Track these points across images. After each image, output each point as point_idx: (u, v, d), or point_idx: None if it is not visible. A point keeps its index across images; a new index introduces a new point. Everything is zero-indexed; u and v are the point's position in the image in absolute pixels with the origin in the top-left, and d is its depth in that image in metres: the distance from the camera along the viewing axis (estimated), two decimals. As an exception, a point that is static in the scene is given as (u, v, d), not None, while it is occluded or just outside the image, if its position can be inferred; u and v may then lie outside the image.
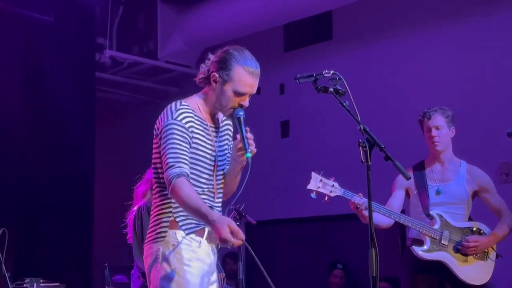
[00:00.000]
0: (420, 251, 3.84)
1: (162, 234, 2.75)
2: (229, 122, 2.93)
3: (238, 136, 2.75)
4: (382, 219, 3.78)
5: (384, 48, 6.69)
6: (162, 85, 8.47)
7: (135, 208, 4.47)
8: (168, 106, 2.78)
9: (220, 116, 2.90)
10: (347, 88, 2.62)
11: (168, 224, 2.75)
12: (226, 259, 6.79)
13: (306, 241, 7.09)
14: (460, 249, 3.88)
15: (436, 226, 3.87)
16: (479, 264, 3.93)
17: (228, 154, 2.90)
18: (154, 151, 2.81)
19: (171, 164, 2.63)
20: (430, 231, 3.83)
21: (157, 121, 2.81)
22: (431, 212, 3.89)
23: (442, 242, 3.84)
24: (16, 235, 6.23)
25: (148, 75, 8.26)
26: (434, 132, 3.96)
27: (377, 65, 6.71)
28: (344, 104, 2.59)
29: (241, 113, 2.77)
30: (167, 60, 7.72)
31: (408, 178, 2.59)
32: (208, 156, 2.78)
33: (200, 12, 7.37)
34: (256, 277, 7.82)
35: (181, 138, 2.67)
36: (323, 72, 2.65)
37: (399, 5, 6.63)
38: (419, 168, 4.04)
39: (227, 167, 2.90)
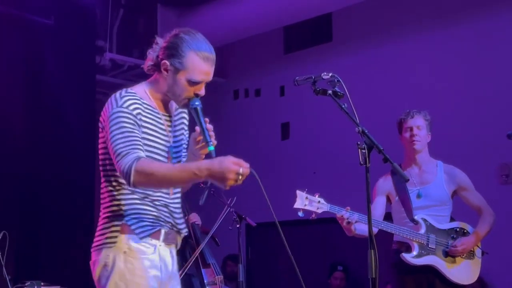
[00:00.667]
0: (410, 258, 3.86)
1: (113, 240, 2.49)
2: (184, 110, 2.67)
3: (197, 128, 2.52)
4: (366, 228, 3.78)
5: (383, 50, 6.70)
6: (162, 87, 8.47)
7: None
8: (112, 96, 2.51)
9: (174, 104, 2.62)
10: (346, 90, 2.63)
11: (119, 228, 2.48)
12: (227, 261, 6.79)
13: (307, 243, 7.09)
14: (448, 252, 3.92)
15: (422, 231, 3.89)
16: (467, 263, 3.98)
17: (185, 145, 2.64)
18: (100, 146, 2.53)
19: (125, 152, 2.34)
20: (416, 237, 3.85)
21: (101, 113, 2.52)
22: (415, 217, 3.91)
23: (429, 246, 3.88)
24: (17, 238, 6.23)
25: (148, 78, 8.25)
26: (415, 131, 3.99)
27: (377, 67, 6.72)
28: (343, 106, 2.59)
29: (197, 103, 2.52)
30: (167, 63, 7.72)
31: (407, 180, 2.60)
32: (161, 147, 2.51)
33: (200, 15, 7.38)
34: (255, 279, 7.82)
35: (131, 126, 2.40)
36: (322, 74, 2.65)
37: (398, 7, 6.64)
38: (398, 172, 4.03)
39: (184, 159, 2.62)
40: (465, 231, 4.01)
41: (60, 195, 6.62)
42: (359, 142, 2.48)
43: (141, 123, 2.44)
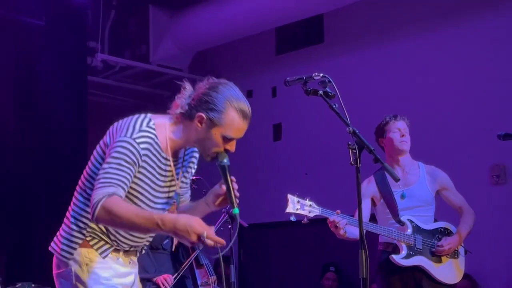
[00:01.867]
0: (399, 259, 3.88)
1: (71, 251, 2.48)
2: (195, 154, 2.61)
3: (223, 187, 2.47)
4: (355, 231, 3.79)
5: (375, 51, 6.71)
6: (154, 89, 8.46)
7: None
8: (134, 118, 2.43)
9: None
10: (337, 90, 2.63)
11: (80, 242, 2.47)
12: (219, 263, 6.78)
13: (299, 244, 7.10)
14: (435, 252, 3.95)
15: (409, 232, 3.92)
16: (452, 262, 4.02)
17: (188, 189, 2.63)
18: (95, 154, 2.49)
19: (106, 183, 2.28)
20: (404, 238, 3.87)
21: (114, 126, 2.47)
22: (401, 218, 3.93)
23: (417, 247, 3.90)
24: (8, 240, 6.21)
25: (140, 79, 8.26)
26: (403, 131, 4.01)
27: (368, 68, 6.74)
28: (334, 106, 2.59)
29: (226, 160, 2.44)
30: (159, 64, 7.72)
31: (397, 180, 2.60)
32: (155, 193, 2.44)
33: (192, 16, 7.37)
34: (247, 280, 7.82)
35: (129, 163, 2.31)
36: (313, 75, 2.65)
37: (389, 9, 6.66)
38: (381, 175, 4.06)
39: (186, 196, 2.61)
40: (449, 231, 4.05)
41: (51, 196, 6.60)
42: (349, 142, 2.48)
43: (143, 164, 2.37)
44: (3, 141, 6.39)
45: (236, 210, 2.35)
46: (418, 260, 3.91)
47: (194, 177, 4.69)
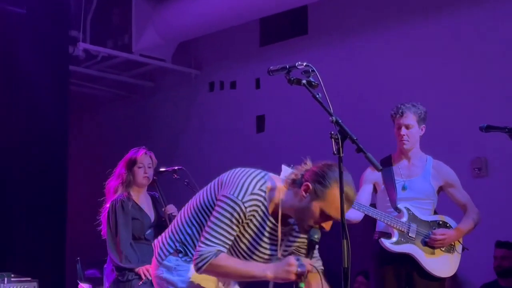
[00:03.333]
0: (388, 244, 3.88)
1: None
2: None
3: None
4: (350, 213, 3.80)
5: (359, 42, 6.71)
6: (137, 79, 8.41)
7: (108, 204, 4.44)
8: (249, 176, 2.60)
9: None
10: (320, 80, 2.61)
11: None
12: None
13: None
14: (428, 242, 3.93)
15: (404, 219, 3.92)
16: (446, 256, 4.00)
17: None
18: (208, 191, 2.67)
19: (212, 242, 2.47)
20: (398, 224, 3.87)
21: (228, 175, 2.66)
22: (398, 206, 3.94)
23: (409, 235, 3.90)
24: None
25: (122, 69, 8.19)
26: (403, 131, 4.01)
27: (352, 59, 6.74)
28: (317, 96, 2.58)
29: (316, 237, 2.51)
30: (142, 54, 7.66)
31: (380, 170, 2.60)
32: (260, 254, 2.60)
33: (175, 5, 7.32)
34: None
35: (233, 224, 2.49)
36: (296, 64, 2.63)
37: (373, 1, 6.66)
38: (387, 163, 4.08)
39: None
40: (448, 225, 4.03)
41: (32, 187, 6.54)
42: (332, 132, 2.47)
43: (247, 222, 2.52)
44: (-18, 131, 6.32)
45: (302, 284, 2.44)
46: (408, 248, 3.89)
47: (176, 167, 4.70)
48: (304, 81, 2.62)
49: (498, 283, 5.40)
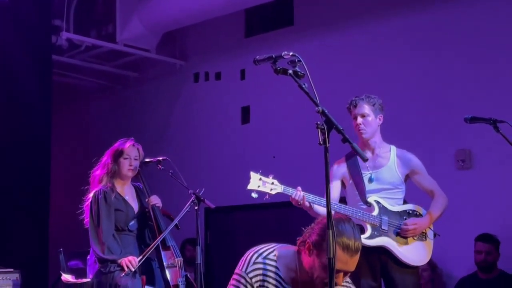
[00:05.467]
0: (362, 239, 3.88)
1: None
2: None
3: None
4: (322, 210, 3.82)
5: (345, 34, 6.71)
6: (120, 69, 8.34)
7: (92, 193, 4.41)
8: (254, 251, 2.65)
9: None
10: (307, 70, 2.60)
11: None
12: (186, 245, 6.75)
13: (266, 227, 7.10)
14: (400, 233, 3.96)
15: (375, 213, 3.94)
16: (419, 244, 4.02)
17: None
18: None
19: None
20: (369, 218, 3.90)
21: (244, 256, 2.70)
22: (368, 199, 3.96)
23: (382, 228, 3.92)
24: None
25: (106, 59, 8.12)
26: (359, 120, 4.02)
27: (338, 51, 6.73)
28: (303, 86, 2.57)
29: None
30: (126, 44, 7.59)
31: (365, 160, 2.60)
32: None
33: (160, -5, 7.27)
34: (214, 262, 7.79)
35: None
36: (283, 53, 2.61)
37: (360, -8, 6.66)
38: (352, 156, 4.09)
39: None
40: (418, 213, 4.06)
41: (15, 178, 6.48)
42: (318, 122, 2.46)
43: None
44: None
45: None
46: (382, 241, 3.92)
47: (160, 158, 4.67)
48: (290, 71, 2.60)
49: (477, 276, 5.43)
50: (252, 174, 3.64)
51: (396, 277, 3.95)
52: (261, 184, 3.62)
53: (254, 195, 3.58)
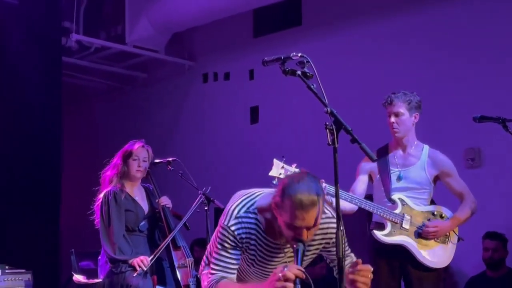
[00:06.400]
0: (380, 235, 3.88)
1: None
2: (320, 239, 2.66)
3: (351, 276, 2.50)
4: (345, 204, 3.81)
5: (353, 34, 6.70)
6: (130, 70, 8.38)
7: (102, 194, 4.44)
8: (236, 203, 2.65)
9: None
10: (315, 71, 2.61)
11: None
12: (194, 246, 6.77)
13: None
14: (421, 234, 3.92)
15: (397, 210, 3.91)
16: (440, 247, 3.98)
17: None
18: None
19: (215, 270, 2.62)
20: (390, 215, 3.87)
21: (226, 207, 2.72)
22: (392, 196, 3.94)
23: (403, 226, 3.89)
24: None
25: (116, 60, 8.16)
26: (392, 118, 4.00)
27: (346, 51, 6.73)
28: (312, 86, 2.58)
29: (301, 247, 2.46)
30: (135, 45, 7.63)
31: (374, 160, 2.60)
32: (266, 265, 2.68)
33: (169, -4, 7.29)
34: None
35: (229, 248, 2.60)
36: (291, 54, 2.62)
37: (368, -9, 6.65)
38: (383, 152, 4.08)
39: None
40: (443, 215, 4.02)
41: (26, 179, 6.52)
42: (327, 123, 2.47)
43: (247, 245, 2.59)
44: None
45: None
46: (401, 239, 3.89)
47: (170, 159, 4.69)
48: (299, 72, 2.61)
49: (486, 275, 5.43)
50: (275, 161, 3.62)
51: (414, 279, 3.93)
52: (283, 172, 3.61)
53: (274, 182, 3.57)
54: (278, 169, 3.60)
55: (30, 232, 6.39)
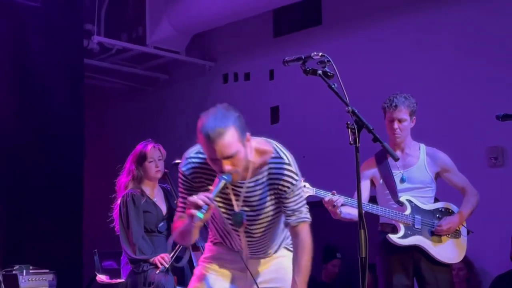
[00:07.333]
0: (396, 239, 3.89)
1: None
2: (274, 179, 2.69)
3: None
4: (354, 212, 3.81)
5: (373, 33, 6.67)
6: (151, 71, 8.43)
7: (119, 199, 4.44)
8: (192, 148, 2.76)
9: (257, 167, 2.71)
10: (336, 70, 2.61)
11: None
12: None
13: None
14: (434, 232, 3.95)
15: (407, 212, 3.92)
16: (453, 242, 4.01)
17: (268, 209, 2.72)
18: None
19: (178, 213, 2.78)
20: (402, 218, 3.89)
21: None
22: (400, 199, 3.95)
23: (415, 227, 3.91)
24: (6, 222, 6.21)
25: (137, 62, 8.21)
26: (396, 125, 3.99)
27: (366, 50, 6.70)
28: (333, 86, 2.58)
29: (225, 177, 2.54)
30: (156, 46, 7.67)
31: (396, 159, 2.59)
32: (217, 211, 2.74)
33: (189, -2, 7.33)
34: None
35: (186, 190, 2.72)
36: (312, 54, 2.63)
37: (388, -11, 6.62)
38: (382, 156, 4.08)
39: (270, 223, 2.76)
40: (450, 210, 4.05)
41: (48, 179, 6.59)
42: (349, 122, 2.47)
43: (199, 184, 2.67)
44: (-3, 126, 6.35)
45: (199, 214, 2.45)
46: (416, 240, 3.91)
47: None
48: (319, 71, 2.61)
49: (512, 273, 5.38)
50: None
51: (429, 275, 3.94)
52: None
53: None
54: None
55: (54, 233, 6.45)
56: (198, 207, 2.42)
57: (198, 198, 2.44)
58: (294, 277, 2.68)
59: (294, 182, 2.67)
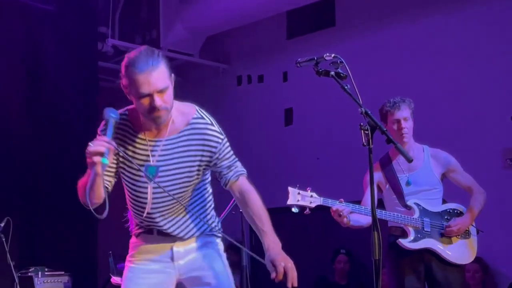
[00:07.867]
0: (407, 243, 3.87)
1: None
2: (197, 136, 2.72)
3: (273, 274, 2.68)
4: (363, 219, 3.81)
5: (386, 34, 6.66)
6: (165, 74, 8.45)
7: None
8: None
9: (178, 126, 2.71)
10: (349, 71, 2.60)
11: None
12: (228, 250, 6.77)
13: (311, 229, 7.09)
14: (444, 234, 3.94)
15: (416, 215, 3.91)
16: (464, 242, 3.99)
17: (185, 169, 2.71)
18: None
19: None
20: (411, 221, 3.87)
21: None
22: (407, 202, 3.93)
23: (425, 230, 3.89)
24: (21, 224, 6.25)
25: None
26: (403, 123, 3.97)
27: (380, 52, 6.68)
28: (346, 87, 2.57)
29: (112, 115, 2.62)
30: (170, 49, 7.70)
31: (410, 161, 2.58)
32: (134, 167, 2.72)
33: (202, 0, 7.34)
34: (259, 265, 7.79)
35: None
36: (325, 55, 2.62)
37: (402, -10, 6.60)
38: (386, 161, 4.07)
39: (185, 184, 2.75)
40: (458, 211, 4.03)
41: (63, 181, 6.62)
42: (362, 124, 2.46)
43: (121, 147, 2.68)
44: (12, 128, 6.40)
45: (103, 160, 2.48)
46: (427, 243, 3.89)
47: None
48: (332, 73, 2.61)
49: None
50: (290, 189, 3.67)
51: (440, 277, 3.92)
52: (300, 198, 3.66)
53: (294, 210, 3.63)
54: (295, 196, 3.65)
55: (69, 235, 6.49)
56: (101, 153, 2.44)
57: (96, 144, 2.45)
58: (261, 228, 2.81)
59: (219, 140, 2.74)
